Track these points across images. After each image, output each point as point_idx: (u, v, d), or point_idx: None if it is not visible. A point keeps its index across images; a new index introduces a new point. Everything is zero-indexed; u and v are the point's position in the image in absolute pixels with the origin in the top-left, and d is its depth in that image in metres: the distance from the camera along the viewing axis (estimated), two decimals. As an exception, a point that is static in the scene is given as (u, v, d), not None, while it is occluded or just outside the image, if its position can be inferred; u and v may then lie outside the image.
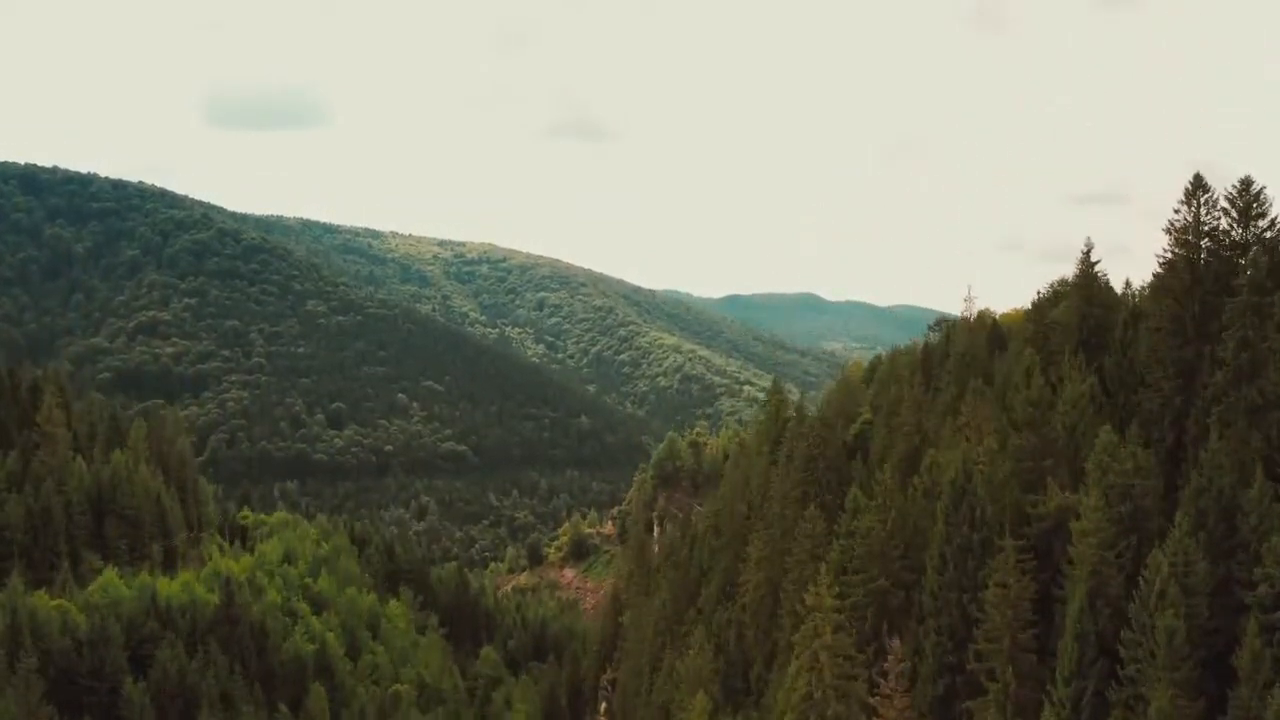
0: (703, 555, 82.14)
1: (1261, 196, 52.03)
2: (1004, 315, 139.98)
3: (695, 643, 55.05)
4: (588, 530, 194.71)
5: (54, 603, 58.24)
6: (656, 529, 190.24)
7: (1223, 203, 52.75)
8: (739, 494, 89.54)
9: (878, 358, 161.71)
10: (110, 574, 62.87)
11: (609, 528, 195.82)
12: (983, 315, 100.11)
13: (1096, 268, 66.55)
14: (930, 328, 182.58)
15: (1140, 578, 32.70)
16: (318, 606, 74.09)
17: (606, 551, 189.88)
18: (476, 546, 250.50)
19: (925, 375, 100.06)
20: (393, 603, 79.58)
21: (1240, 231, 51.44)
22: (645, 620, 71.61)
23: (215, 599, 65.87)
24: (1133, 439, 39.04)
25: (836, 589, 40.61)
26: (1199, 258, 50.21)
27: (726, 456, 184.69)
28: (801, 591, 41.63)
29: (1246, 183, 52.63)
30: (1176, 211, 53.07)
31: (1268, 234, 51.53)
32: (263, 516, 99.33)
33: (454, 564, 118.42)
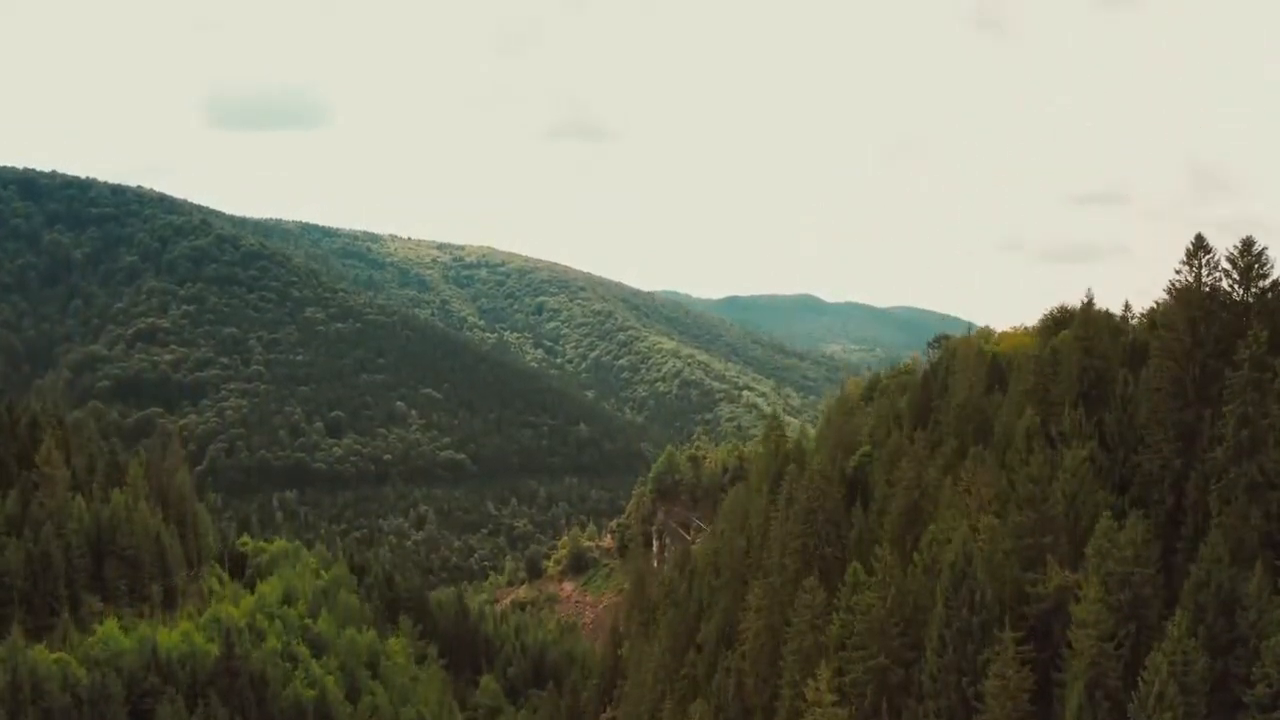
0: (702, 591, 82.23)
1: (1263, 258, 52.13)
2: (1004, 335, 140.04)
3: (695, 711, 55.12)
4: (587, 543, 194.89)
5: (54, 656, 58.23)
6: (655, 543, 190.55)
7: (1224, 264, 53.02)
8: (738, 527, 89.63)
9: (877, 376, 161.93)
10: (110, 624, 62.84)
11: (608, 540, 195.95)
12: (982, 348, 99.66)
13: (1096, 309, 66.69)
14: (930, 344, 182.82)
15: (1140, 677, 32.74)
16: (317, 649, 74.01)
17: (605, 565, 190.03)
18: (475, 556, 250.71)
19: (924, 411, 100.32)
20: (392, 639, 79.70)
21: (1241, 293, 51.57)
22: (645, 664, 71.71)
23: (215, 649, 65.91)
24: (1132, 525, 38.99)
25: (836, 664, 40.62)
26: (1200, 319, 50.31)
27: (725, 470, 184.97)
28: (801, 668, 41.68)
29: (1248, 243, 52.70)
30: (1178, 272, 53.16)
31: (1269, 295, 51.87)
32: (262, 544, 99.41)
33: (454, 589, 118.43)
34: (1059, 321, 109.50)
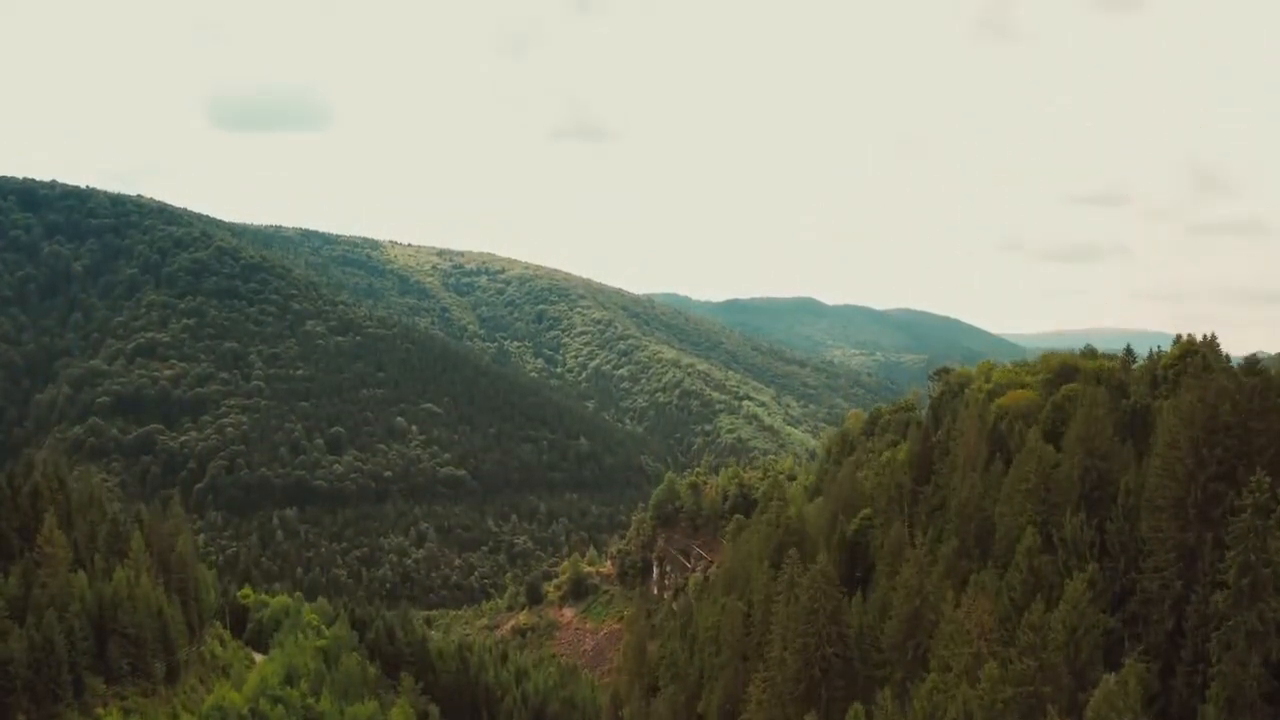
0: (703, 661, 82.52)
1: (1267, 375, 52.24)
2: (1003, 371, 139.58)
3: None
4: (587, 569, 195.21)
5: (57, 760, 58.55)
6: (656, 570, 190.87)
7: (1229, 384, 53.10)
8: (739, 595, 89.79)
9: (878, 410, 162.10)
10: (115, 717, 62.95)
11: (608, 567, 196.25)
12: (982, 398, 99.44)
13: (1101, 413, 66.66)
14: (930, 377, 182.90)
15: None
16: (320, 730, 74.76)
17: (606, 591, 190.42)
18: (476, 574, 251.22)
19: (925, 470, 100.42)
20: (394, 710, 79.87)
21: (1245, 416, 51.49)
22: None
23: (218, 744, 66.45)
24: (1128, 675, 39.09)
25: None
26: (1202, 440, 50.41)
27: (725, 498, 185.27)
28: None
29: (1252, 361, 52.86)
30: (1182, 393, 53.19)
31: (1274, 416, 51.95)
32: (263, 597, 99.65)
33: (455, 640, 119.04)
34: (1060, 374, 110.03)
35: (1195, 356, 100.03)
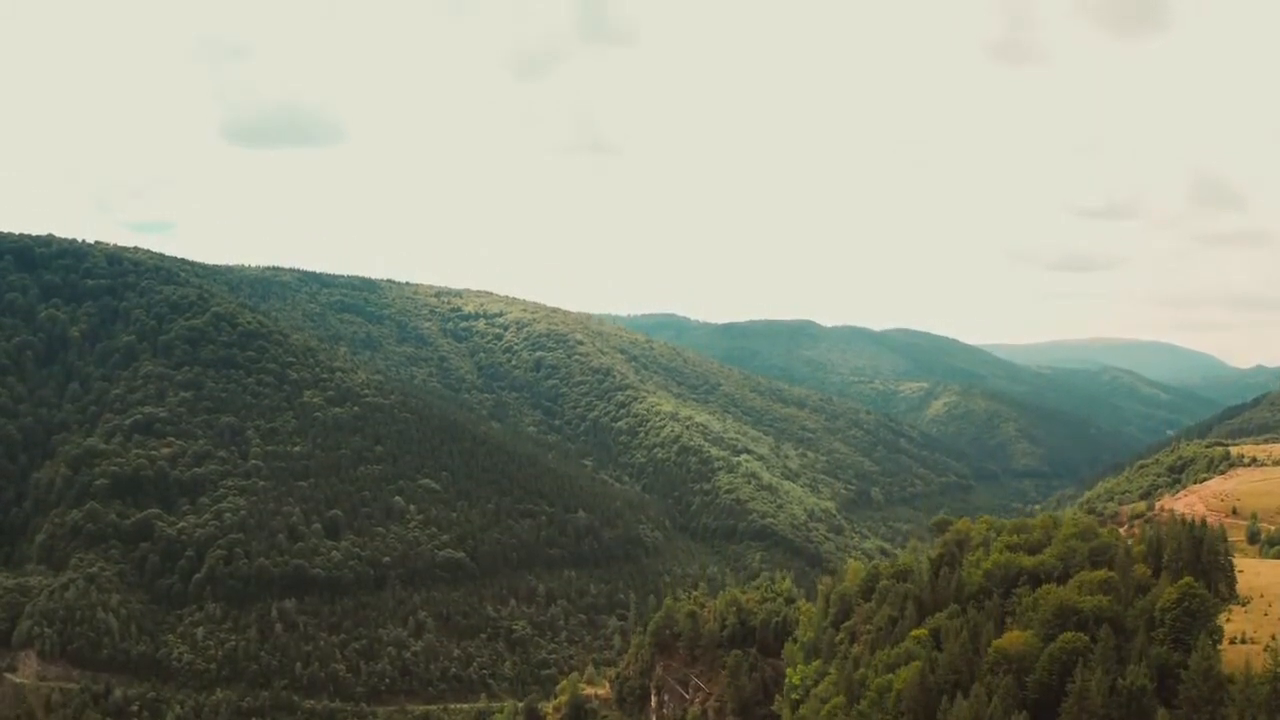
0: None
1: None
2: (1005, 555, 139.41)
3: None
4: (585, 690, 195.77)
5: None
6: (654, 698, 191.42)
7: None
8: None
9: (875, 568, 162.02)
10: None
11: (606, 689, 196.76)
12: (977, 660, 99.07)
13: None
14: (931, 526, 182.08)
15: None
16: None
17: (605, 717, 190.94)
18: (474, 664, 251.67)
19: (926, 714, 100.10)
20: None
21: None
22: None
23: None
24: None
25: None
26: None
27: (723, 625, 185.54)
28: None
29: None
30: None
31: None
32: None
33: None
34: (1059, 615, 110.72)
35: (1193, 601, 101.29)
